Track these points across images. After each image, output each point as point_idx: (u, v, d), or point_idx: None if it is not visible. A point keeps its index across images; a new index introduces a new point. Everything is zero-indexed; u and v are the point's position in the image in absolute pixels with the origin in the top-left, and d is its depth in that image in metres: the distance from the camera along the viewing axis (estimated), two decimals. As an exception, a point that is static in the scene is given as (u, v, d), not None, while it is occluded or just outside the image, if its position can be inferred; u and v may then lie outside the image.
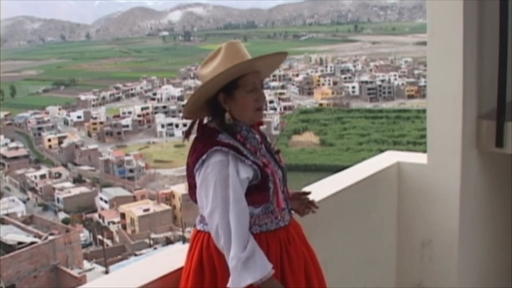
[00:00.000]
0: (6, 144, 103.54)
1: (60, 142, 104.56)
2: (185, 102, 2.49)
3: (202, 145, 2.41)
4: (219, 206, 2.31)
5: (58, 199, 74.83)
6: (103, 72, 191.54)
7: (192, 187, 2.47)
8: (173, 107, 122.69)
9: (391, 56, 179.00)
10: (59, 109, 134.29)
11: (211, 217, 2.33)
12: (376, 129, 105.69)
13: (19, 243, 29.06)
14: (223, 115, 2.45)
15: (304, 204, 2.85)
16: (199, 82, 2.54)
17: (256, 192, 2.41)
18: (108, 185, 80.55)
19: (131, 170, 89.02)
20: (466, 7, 3.52)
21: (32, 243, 29.27)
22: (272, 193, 2.45)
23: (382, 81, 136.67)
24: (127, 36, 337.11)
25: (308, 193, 2.89)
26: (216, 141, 2.39)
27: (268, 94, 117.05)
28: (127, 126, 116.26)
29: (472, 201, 3.90)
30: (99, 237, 51.24)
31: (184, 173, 2.53)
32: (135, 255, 40.08)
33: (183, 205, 58.64)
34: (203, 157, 2.36)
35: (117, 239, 54.86)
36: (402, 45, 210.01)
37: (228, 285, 2.28)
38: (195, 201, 2.46)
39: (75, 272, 29.35)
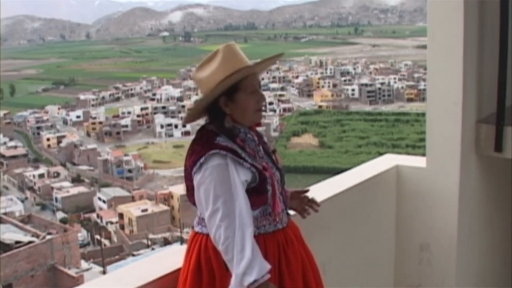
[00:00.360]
0: (5, 143, 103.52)
1: (59, 142, 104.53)
2: (184, 103, 2.50)
3: (200, 148, 2.40)
4: (219, 209, 2.31)
5: (56, 199, 74.78)
6: (103, 72, 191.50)
7: (190, 190, 2.47)
8: (172, 108, 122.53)
9: (391, 59, 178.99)
10: (59, 109, 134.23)
11: (210, 219, 2.33)
12: (375, 132, 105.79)
13: (17, 242, 29.03)
14: (223, 119, 2.45)
15: (303, 202, 2.85)
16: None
17: (254, 194, 2.41)
18: (106, 185, 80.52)
19: (129, 170, 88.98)
20: (466, 11, 3.52)
21: (30, 242, 29.25)
22: (270, 195, 2.45)
23: (382, 84, 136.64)
24: (127, 36, 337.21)
25: (307, 190, 2.88)
26: (214, 144, 2.39)
27: (267, 96, 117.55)
28: (126, 126, 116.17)
29: (471, 205, 3.90)
30: (97, 237, 51.21)
31: (183, 174, 2.52)
32: (133, 255, 40.04)
33: (181, 205, 58.55)
34: (201, 160, 2.35)
35: (115, 239, 54.82)
36: (402, 48, 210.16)
37: (230, 286, 2.28)
38: (193, 203, 2.46)
39: (72, 272, 29.31)
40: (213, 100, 2.45)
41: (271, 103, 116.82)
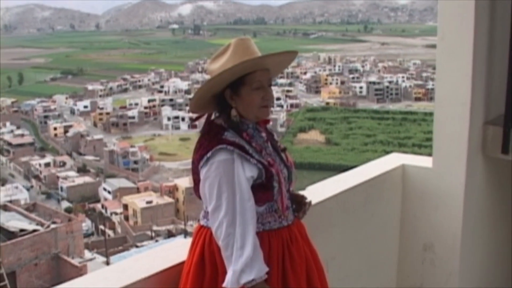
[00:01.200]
0: (12, 131, 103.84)
1: (65, 131, 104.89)
2: (192, 96, 2.49)
3: (208, 142, 2.40)
4: (222, 205, 2.31)
5: (61, 188, 75.02)
6: (111, 63, 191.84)
7: (197, 183, 2.47)
8: (180, 100, 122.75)
9: (400, 58, 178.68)
10: (66, 98, 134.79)
11: (213, 214, 2.34)
12: (382, 130, 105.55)
13: (21, 230, 29.07)
14: (230, 111, 2.45)
15: (301, 205, 2.81)
16: (207, 77, 2.54)
17: (261, 191, 2.40)
18: (112, 176, 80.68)
19: (135, 162, 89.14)
20: (477, 11, 3.50)
21: (34, 230, 29.28)
22: (276, 192, 2.44)
23: (390, 82, 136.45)
24: (137, 28, 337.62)
25: (302, 195, 2.83)
26: (221, 139, 2.39)
27: (275, 91, 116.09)
28: (133, 117, 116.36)
29: (476, 206, 3.89)
30: (101, 227, 51.43)
31: (188, 167, 2.55)
32: (137, 246, 40.11)
33: (186, 198, 58.69)
34: (208, 154, 2.35)
35: (119, 230, 54.94)
36: (411, 47, 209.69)
37: (225, 284, 2.29)
38: (200, 197, 2.47)
39: (76, 261, 29.32)
40: (219, 91, 2.45)
41: (278, 99, 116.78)
